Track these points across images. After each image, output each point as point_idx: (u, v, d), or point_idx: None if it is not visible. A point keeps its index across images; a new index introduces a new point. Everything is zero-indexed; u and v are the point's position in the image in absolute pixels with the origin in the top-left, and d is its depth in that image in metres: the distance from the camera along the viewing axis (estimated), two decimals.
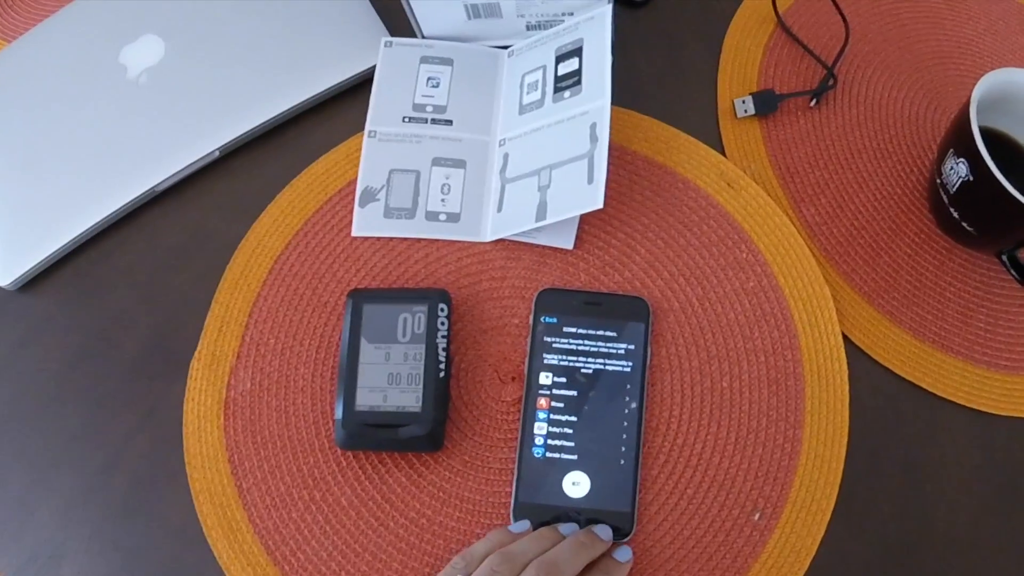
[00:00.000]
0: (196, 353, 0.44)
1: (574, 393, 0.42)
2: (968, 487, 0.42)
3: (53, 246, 0.46)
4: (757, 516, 0.41)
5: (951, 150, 0.42)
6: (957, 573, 0.41)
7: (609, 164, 0.43)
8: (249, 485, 0.42)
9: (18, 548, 0.42)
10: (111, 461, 0.43)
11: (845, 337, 0.44)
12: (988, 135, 0.41)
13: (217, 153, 0.48)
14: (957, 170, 0.42)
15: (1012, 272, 0.44)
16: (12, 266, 0.46)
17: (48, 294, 0.47)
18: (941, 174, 0.44)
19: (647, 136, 0.49)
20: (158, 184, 0.47)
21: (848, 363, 0.43)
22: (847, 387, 0.43)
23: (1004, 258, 0.44)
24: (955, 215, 0.44)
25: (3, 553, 0.42)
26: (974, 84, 0.40)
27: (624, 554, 0.38)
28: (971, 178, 0.41)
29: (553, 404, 0.42)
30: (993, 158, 0.39)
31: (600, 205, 0.41)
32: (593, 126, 0.43)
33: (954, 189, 0.43)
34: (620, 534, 0.39)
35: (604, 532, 0.38)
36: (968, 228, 0.44)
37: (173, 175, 0.47)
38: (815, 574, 0.40)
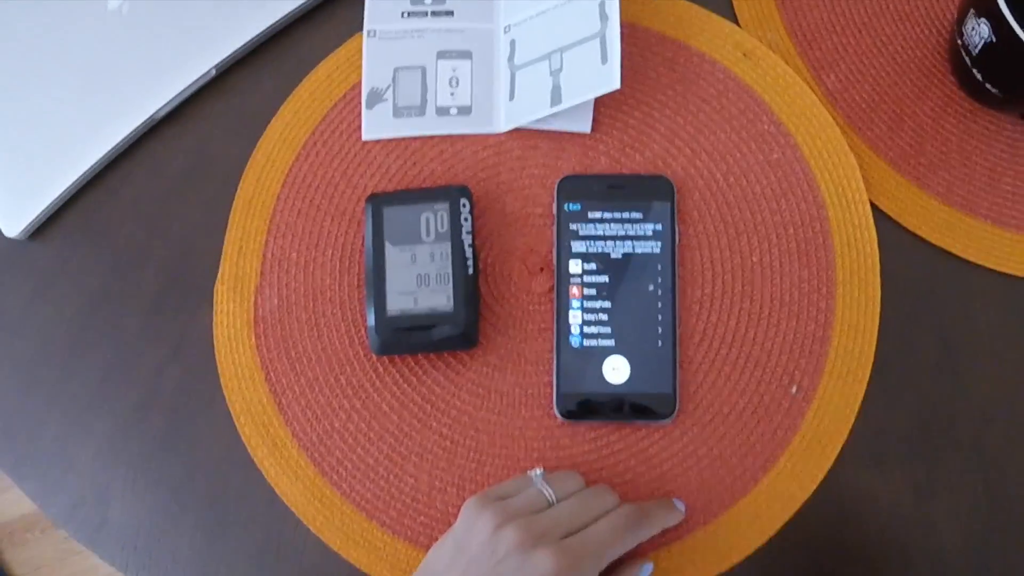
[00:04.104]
0: (219, 276, 0.44)
1: (605, 279, 0.41)
2: (1003, 354, 0.42)
3: (57, 189, 0.45)
4: (794, 390, 0.41)
5: (971, 10, 0.40)
6: (995, 438, 0.41)
7: (621, 43, 0.41)
8: (288, 401, 0.42)
9: (64, 494, 0.42)
10: (146, 398, 0.43)
11: (873, 205, 0.43)
12: None
13: (214, 72, 0.47)
14: (979, 31, 0.40)
15: None
16: (18, 216, 0.45)
17: (58, 239, 0.46)
18: (962, 35, 0.42)
19: (657, 11, 0.46)
20: (157, 111, 0.46)
21: (876, 231, 0.42)
22: (877, 255, 0.42)
23: None
24: (978, 77, 0.42)
25: (50, 500, 0.42)
26: None
27: (646, 571, 0.37)
28: (994, 39, 0.39)
29: (586, 292, 0.41)
30: (1016, 17, 0.37)
31: (617, 85, 0.40)
32: (601, 4, 0.42)
33: (976, 51, 0.41)
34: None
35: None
36: (992, 90, 0.42)
37: (171, 100, 0.46)
38: (853, 445, 0.40)
